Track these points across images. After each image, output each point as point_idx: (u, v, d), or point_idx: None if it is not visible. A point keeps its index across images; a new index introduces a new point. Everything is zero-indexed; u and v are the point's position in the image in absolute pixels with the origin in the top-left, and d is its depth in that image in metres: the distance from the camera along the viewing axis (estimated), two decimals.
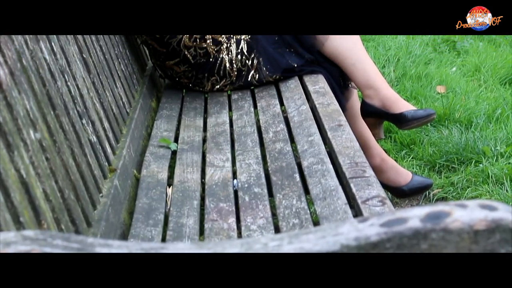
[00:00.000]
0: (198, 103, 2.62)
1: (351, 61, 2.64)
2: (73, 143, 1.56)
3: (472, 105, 3.54)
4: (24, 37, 1.47)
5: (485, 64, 4.19)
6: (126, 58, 2.52)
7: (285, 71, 2.66)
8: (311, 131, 2.17)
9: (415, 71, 4.05)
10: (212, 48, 2.62)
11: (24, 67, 1.41)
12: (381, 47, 4.43)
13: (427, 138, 3.26)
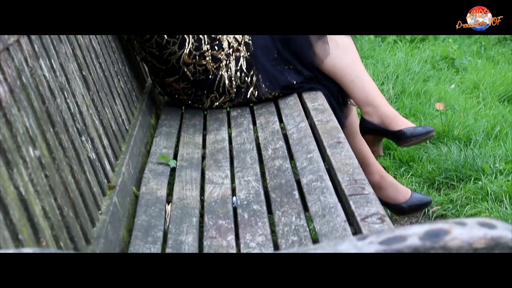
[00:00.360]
0: (197, 120, 2.62)
1: (350, 78, 2.65)
2: (72, 160, 1.56)
3: (471, 122, 3.54)
4: (24, 54, 1.48)
5: (483, 82, 4.20)
6: (126, 75, 2.53)
7: (284, 88, 2.67)
8: (310, 148, 2.17)
9: (414, 88, 4.06)
10: (211, 65, 2.62)
11: (24, 84, 1.41)
12: (380, 64, 4.45)
13: (426, 155, 3.26)
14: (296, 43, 2.65)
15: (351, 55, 2.67)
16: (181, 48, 2.59)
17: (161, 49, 2.60)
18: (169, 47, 2.59)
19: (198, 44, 2.59)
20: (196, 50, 2.60)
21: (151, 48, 2.61)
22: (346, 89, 2.67)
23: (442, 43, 5.05)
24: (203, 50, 2.60)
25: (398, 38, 5.18)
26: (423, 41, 5.16)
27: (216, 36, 2.61)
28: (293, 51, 2.67)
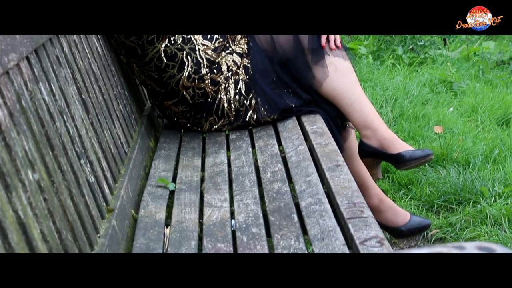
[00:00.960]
0: (196, 143, 2.63)
1: (349, 102, 2.65)
2: (71, 184, 1.56)
3: (470, 146, 3.55)
4: (23, 78, 1.48)
5: (482, 105, 4.21)
6: (125, 99, 2.53)
7: (283, 111, 2.67)
8: (309, 171, 2.17)
9: (413, 111, 4.07)
10: (210, 89, 2.63)
11: (23, 108, 1.42)
12: (379, 87, 4.46)
13: (425, 178, 3.26)
14: (295, 66, 2.66)
15: (349, 78, 2.67)
16: (180, 71, 2.60)
17: (160, 72, 2.61)
18: (168, 70, 2.60)
19: (197, 68, 2.60)
20: (195, 73, 2.60)
21: (150, 71, 2.62)
22: (345, 112, 2.67)
23: (440, 66, 5.07)
24: (202, 74, 2.61)
25: (397, 61, 5.20)
26: (422, 64, 5.18)
27: (215, 59, 2.62)
28: (292, 75, 2.68)
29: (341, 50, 2.68)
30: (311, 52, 2.64)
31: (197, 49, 2.60)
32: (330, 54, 2.65)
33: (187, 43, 2.58)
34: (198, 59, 2.60)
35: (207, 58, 2.61)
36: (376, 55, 5.33)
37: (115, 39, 2.59)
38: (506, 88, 4.69)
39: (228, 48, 2.67)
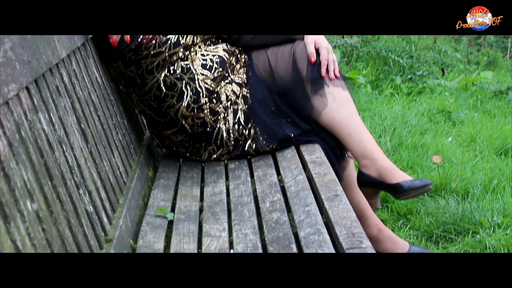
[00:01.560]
0: (195, 173, 2.63)
1: (348, 131, 2.66)
2: (70, 214, 1.56)
3: (469, 176, 3.55)
4: (23, 108, 1.49)
5: (480, 135, 4.22)
6: (124, 128, 2.54)
7: (282, 140, 2.68)
8: (308, 201, 2.17)
9: (411, 141, 4.08)
10: (209, 118, 2.64)
11: (23, 138, 1.42)
12: (377, 116, 4.47)
13: (424, 208, 3.26)
14: (293, 96, 2.67)
15: (348, 108, 2.68)
16: (179, 101, 2.60)
17: (160, 102, 2.62)
18: (167, 100, 2.61)
19: (196, 97, 2.61)
20: (194, 103, 2.61)
21: (150, 101, 2.63)
22: (344, 142, 2.68)
23: (438, 96, 5.09)
24: (201, 103, 2.62)
25: (395, 91, 5.22)
26: (420, 94, 5.20)
27: (214, 89, 2.63)
28: (291, 104, 2.68)
29: (340, 80, 2.69)
30: (309, 82, 2.65)
31: (196, 79, 2.61)
32: (329, 84, 2.66)
33: (186, 72, 2.59)
34: (197, 89, 2.61)
35: (206, 87, 2.62)
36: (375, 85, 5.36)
37: (115, 69, 2.60)
38: (504, 118, 4.70)
39: (227, 78, 2.68)
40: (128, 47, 2.49)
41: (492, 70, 6.55)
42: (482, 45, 8.07)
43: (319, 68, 2.65)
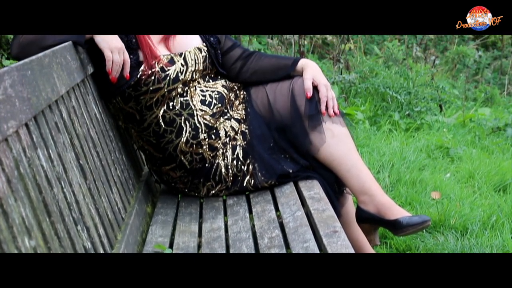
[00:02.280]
0: (194, 208, 2.62)
1: (346, 167, 2.66)
2: (68, 250, 1.55)
3: (467, 212, 3.54)
4: (22, 145, 1.49)
5: (478, 171, 4.22)
6: (123, 164, 2.54)
7: (281, 176, 2.68)
8: (307, 237, 2.16)
9: (410, 177, 4.07)
10: (208, 154, 2.64)
11: (21, 174, 1.42)
12: (376, 152, 4.48)
13: (422, 244, 3.25)
14: (292, 132, 2.68)
15: (346, 144, 2.69)
16: (178, 136, 2.61)
17: (159, 138, 2.62)
18: (166, 135, 2.61)
19: (195, 133, 2.61)
20: (193, 138, 2.62)
21: (149, 137, 2.63)
22: (342, 178, 2.68)
23: (436, 132, 5.10)
24: (200, 139, 2.62)
25: (393, 127, 5.23)
26: (418, 130, 5.22)
27: (213, 125, 2.63)
28: (289, 140, 2.69)
29: (338, 116, 2.70)
30: (308, 118, 2.66)
31: (195, 115, 2.61)
32: (327, 120, 2.67)
33: (185, 108, 2.60)
34: (196, 125, 2.62)
35: (205, 123, 2.63)
36: (373, 121, 5.37)
37: (114, 105, 2.61)
38: (502, 155, 4.71)
39: (226, 114, 2.69)
40: (127, 83, 2.50)
41: (489, 107, 6.58)
42: (479, 81, 8.12)
43: (317, 104, 2.66)
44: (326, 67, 6.75)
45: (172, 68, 2.57)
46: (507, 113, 5.92)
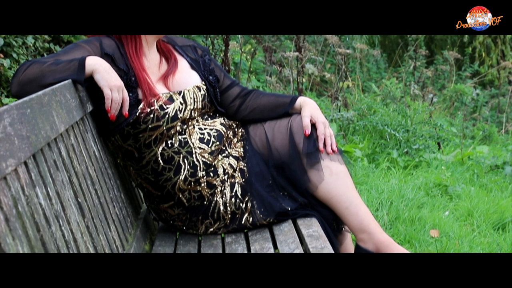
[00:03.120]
0: (192, 246, 2.61)
1: (345, 205, 2.66)
2: None
3: (466, 250, 3.53)
4: (20, 183, 1.49)
5: (477, 209, 4.21)
6: (121, 202, 2.54)
7: (279, 214, 2.67)
8: None
9: (408, 214, 4.07)
10: (206, 191, 2.64)
11: (20, 213, 1.42)
12: (374, 190, 4.47)
13: None
14: (290, 169, 2.68)
15: (345, 182, 2.69)
16: (176, 174, 2.61)
17: (157, 175, 2.62)
18: (164, 173, 2.61)
19: (193, 171, 2.62)
20: (191, 176, 2.62)
21: (147, 174, 2.63)
22: (341, 215, 2.68)
23: (435, 170, 5.10)
24: (199, 177, 2.62)
25: (392, 165, 5.24)
26: (416, 167, 5.22)
27: (211, 162, 2.64)
28: (287, 178, 2.69)
29: (337, 154, 2.70)
30: (306, 156, 2.66)
31: (193, 153, 2.62)
32: (326, 158, 2.67)
33: (184, 146, 2.61)
34: (194, 162, 2.62)
35: (204, 161, 2.63)
36: (371, 158, 5.38)
37: (113, 143, 2.62)
38: (501, 193, 4.71)
39: (225, 152, 2.69)
40: (126, 121, 2.51)
41: (487, 145, 6.60)
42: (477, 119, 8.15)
43: (315, 142, 2.67)
44: (325, 104, 6.78)
45: (171, 106, 2.58)
46: (505, 151, 5.93)
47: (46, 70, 2.24)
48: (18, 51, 3.16)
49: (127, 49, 2.57)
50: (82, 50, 2.45)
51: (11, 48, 3.12)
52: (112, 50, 2.53)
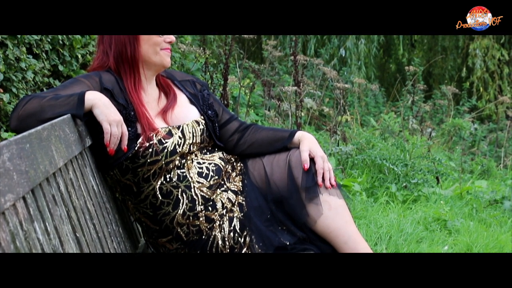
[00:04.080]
0: None
1: (343, 239, 2.65)
2: None
3: None
4: (19, 218, 1.49)
5: (476, 244, 4.20)
6: (119, 236, 2.53)
7: (278, 249, 2.66)
8: None
9: (407, 249, 4.06)
10: (205, 226, 2.63)
11: (17, 248, 1.42)
12: (373, 224, 4.46)
13: None
14: (289, 204, 2.67)
15: (344, 216, 2.68)
16: (175, 208, 2.61)
17: (155, 210, 2.62)
18: (163, 207, 2.61)
19: (192, 205, 2.61)
20: (190, 210, 2.61)
21: (145, 209, 2.63)
22: (340, 250, 2.67)
23: (434, 204, 5.10)
24: (197, 211, 2.62)
25: (390, 199, 5.23)
26: (415, 202, 5.21)
27: (210, 197, 2.63)
28: (286, 212, 2.68)
29: (335, 188, 2.70)
30: (305, 190, 2.66)
31: (192, 187, 2.62)
32: (324, 192, 2.67)
33: (183, 180, 2.61)
34: (193, 197, 2.62)
35: (202, 195, 2.63)
36: (370, 192, 5.37)
37: (111, 177, 2.62)
38: (500, 228, 4.70)
39: (223, 186, 2.69)
40: (125, 155, 2.51)
41: (486, 179, 6.59)
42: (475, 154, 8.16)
43: (314, 176, 2.67)
44: (323, 138, 6.79)
45: (170, 141, 2.58)
46: (504, 185, 5.93)
47: (45, 105, 2.25)
48: (18, 86, 3.18)
49: (126, 84, 2.58)
50: (81, 85, 2.46)
51: (11, 83, 3.13)
52: (112, 84, 2.55)
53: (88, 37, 3.94)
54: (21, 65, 3.17)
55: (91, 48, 3.94)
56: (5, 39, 3.05)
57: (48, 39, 3.49)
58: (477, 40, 11.25)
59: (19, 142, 1.60)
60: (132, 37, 2.58)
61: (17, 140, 1.59)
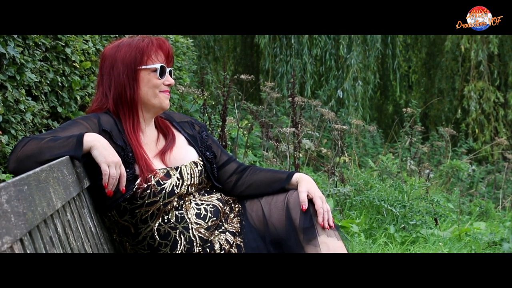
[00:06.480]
0: None
1: None
2: None
3: None
4: None
5: None
6: None
7: None
8: None
9: None
10: None
11: None
12: None
13: None
14: (287, 245, 2.66)
15: None
16: (173, 249, 2.60)
17: (153, 251, 2.61)
18: (161, 248, 2.60)
19: (190, 246, 2.60)
20: (187, 251, 2.60)
21: (143, 250, 2.62)
22: None
23: (432, 246, 5.08)
24: (195, 252, 2.61)
25: (389, 240, 5.21)
26: (414, 243, 5.19)
27: (208, 238, 2.63)
28: (284, 253, 2.67)
29: (333, 230, 2.69)
30: (303, 231, 2.65)
31: (190, 228, 2.61)
32: (322, 233, 2.66)
33: (181, 222, 2.60)
34: (191, 238, 2.61)
35: (200, 236, 2.62)
36: (368, 234, 5.36)
37: (109, 218, 2.61)
38: None
39: (221, 227, 2.69)
40: (123, 196, 2.51)
41: (485, 221, 6.58)
42: (474, 195, 8.16)
43: (312, 217, 2.66)
44: (321, 179, 6.79)
45: (168, 182, 2.58)
46: (502, 227, 5.92)
47: (44, 147, 2.25)
48: (17, 127, 3.18)
49: (125, 126, 2.59)
50: (80, 127, 2.47)
51: (10, 124, 3.14)
52: (110, 126, 2.56)
53: (87, 79, 3.97)
54: (20, 107, 3.18)
55: (90, 90, 3.96)
56: (4, 81, 3.07)
57: (48, 81, 3.51)
58: (472, 82, 11.33)
59: (17, 184, 1.60)
60: (132, 80, 2.60)
61: (15, 182, 1.59)
